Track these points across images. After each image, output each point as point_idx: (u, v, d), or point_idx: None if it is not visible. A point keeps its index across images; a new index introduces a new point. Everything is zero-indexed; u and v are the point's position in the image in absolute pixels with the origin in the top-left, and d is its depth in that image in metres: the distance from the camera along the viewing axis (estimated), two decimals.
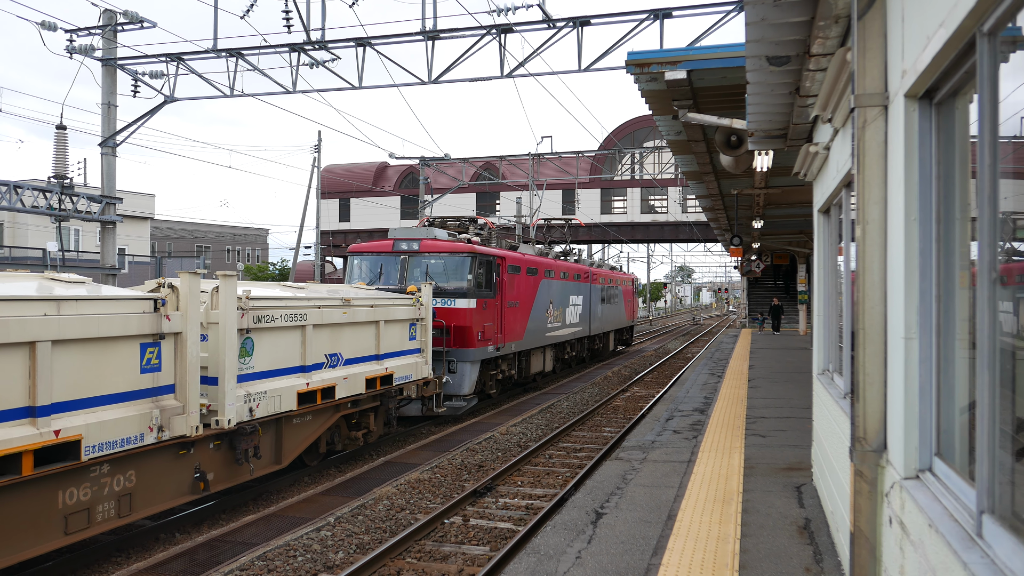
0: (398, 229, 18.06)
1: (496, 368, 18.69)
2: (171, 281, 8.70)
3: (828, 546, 6.14)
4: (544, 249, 25.24)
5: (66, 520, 7.24)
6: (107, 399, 7.65)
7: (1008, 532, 2.51)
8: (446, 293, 16.61)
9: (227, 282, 9.20)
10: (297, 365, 10.78)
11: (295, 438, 10.81)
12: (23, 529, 6.85)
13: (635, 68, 8.96)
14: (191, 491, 8.85)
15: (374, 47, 18.20)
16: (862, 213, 4.08)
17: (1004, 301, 2.69)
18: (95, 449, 7.40)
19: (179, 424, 8.41)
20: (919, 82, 3.37)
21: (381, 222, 55.92)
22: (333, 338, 11.60)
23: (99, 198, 19.86)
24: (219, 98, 20.06)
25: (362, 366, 12.41)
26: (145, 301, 8.10)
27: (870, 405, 4.07)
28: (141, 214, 45.44)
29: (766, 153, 10.08)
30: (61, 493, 7.20)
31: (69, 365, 7.17)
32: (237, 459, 9.45)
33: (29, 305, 6.82)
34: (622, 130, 53.59)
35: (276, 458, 10.49)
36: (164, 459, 8.44)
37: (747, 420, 12.17)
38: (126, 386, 7.86)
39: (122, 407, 7.78)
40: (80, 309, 7.32)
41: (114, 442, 7.60)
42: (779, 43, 5.59)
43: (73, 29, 19.25)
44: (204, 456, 9.03)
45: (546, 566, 5.84)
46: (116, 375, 7.73)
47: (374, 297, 13.22)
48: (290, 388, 10.48)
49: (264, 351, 10.10)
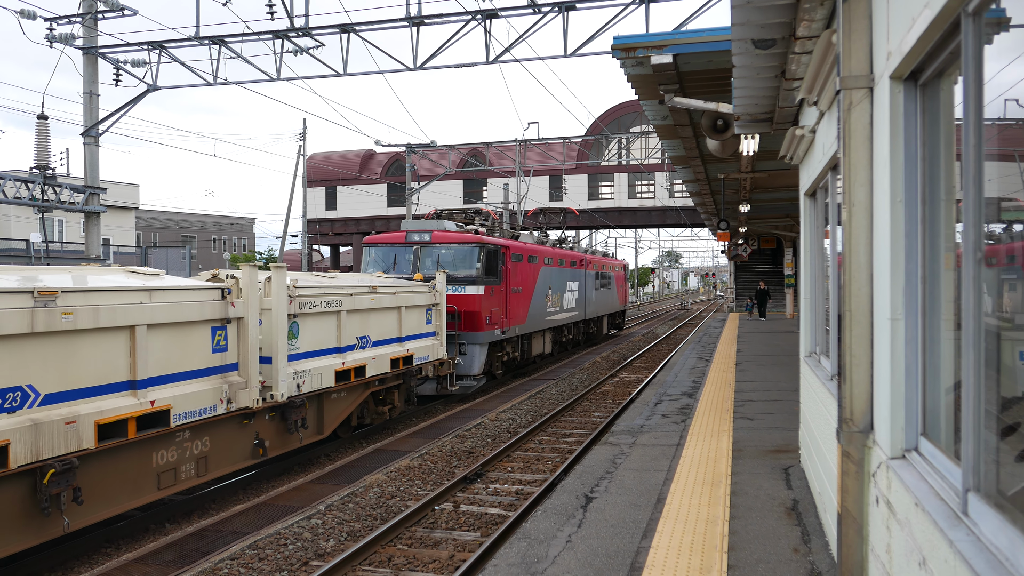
0: (410, 221, 19.14)
1: (502, 350, 19.81)
2: (233, 272, 10.02)
3: (816, 527, 6.20)
4: (542, 237, 26.14)
5: (159, 477, 8.55)
6: (187, 375, 8.90)
7: (993, 510, 2.53)
8: (456, 280, 17.69)
9: (278, 273, 10.42)
10: (334, 347, 11.99)
11: (333, 411, 12.05)
12: (129, 483, 8.16)
13: (621, 53, 8.93)
14: (252, 456, 10.07)
15: (358, 33, 18.07)
16: (848, 195, 4.09)
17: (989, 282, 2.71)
18: (180, 417, 8.68)
19: (243, 397, 9.66)
20: (904, 64, 3.38)
21: (368, 210, 55.72)
22: (362, 322, 12.83)
23: (82, 188, 19.68)
24: (202, 86, 19.88)
25: (387, 348, 13.64)
26: (214, 290, 9.32)
27: (857, 386, 4.10)
28: (125, 204, 45.08)
29: (752, 137, 10.09)
30: (155, 454, 8.49)
31: (158, 345, 8.42)
32: (288, 429, 10.67)
33: (129, 295, 8.06)
34: (609, 115, 53.51)
35: (318, 429, 11.72)
36: (231, 427, 9.69)
37: (735, 403, 12.24)
38: (201, 364, 9.11)
39: (199, 382, 9.05)
40: (166, 298, 8.56)
41: (194, 412, 8.90)
42: (765, 26, 5.58)
43: (53, 17, 19.01)
44: (262, 426, 10.28)
45: (536, 550, 5.87)
46: (193, 354, 9.00)
47: (396, 285, 14.37)
48: (329, 367, 11.66)
49: (307, 334, 11.29)
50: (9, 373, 6.79)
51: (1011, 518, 2.39)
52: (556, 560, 5.65)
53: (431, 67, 18.26)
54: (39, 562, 7.66)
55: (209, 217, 70.81)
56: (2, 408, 6.76)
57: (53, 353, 7.22)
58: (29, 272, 8.02)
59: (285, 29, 18.18)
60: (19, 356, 6.89)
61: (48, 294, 7.13)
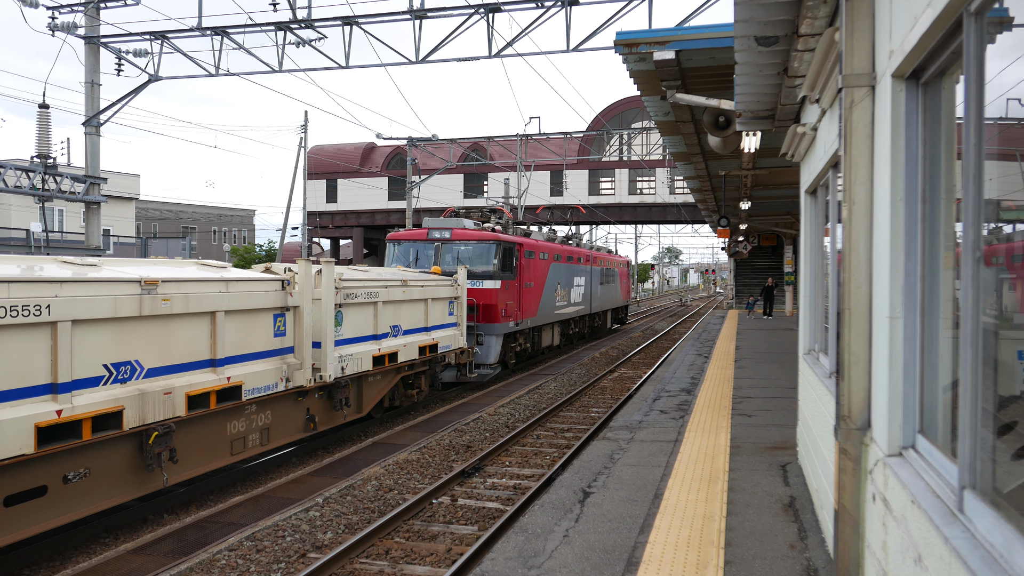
0: (431, 219, 20.38)
1: (515, 341, 21.07)
2: (290, 266, 11.34)
3: (813, 523, 6.22)
4: (551, 235, 27.47)
5: (231, 444, 9.82)
6: (254, 356, 10.15)
7: (989, 507, 2.55)
8: (474, 275, 18.88)
9: (328, 267, 11.64)
10: (371, 334, 13.23)
11: (371, 393, 13.33)
12: (209, 447, 9.42)
13: (624, 48, 8.92)
14: (304, 430, 11.34)
15: (361, 26, 18.04)
16: (848, 193, 4.10)
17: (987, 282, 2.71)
18: (250, 392, 9.92)
19: (299, 376, 10.90)
20: (906, 62, 3.38)
21: (368, 203, 55.62)
22: (395, 312, 14.10)
23: (83, 178, 19.67)
24: (204, 77, 19.85)
25: (416, 336, 14.89)
26: (276, 281, 10.58)
27: (855, 384, 4.11)
28: (126, 195, 45.03)
29: (754, 134, 10.07)
30: (228, 424, 9.74)
31: (232, 329, 9.64)
32: (334, 406, 11.94)
33: (211, 284, 9.32)
34: (610, 111, 53.37)
35: (358, 408, 12.95)
36: (288, 403, 10.95)
37: (733, 400, 12.26)
38: (265, 346, 10.36)
39: (263, 362, 10.30)
40: (239, 288, 9.81)
41: (260, 388, 10.14)
42: (768, 23, 5.58)
43: (55, 6, 18.97)
44: (313, 403, 11.53)
45: (534, 544, 5.89)
46: (259, 338, 10.23)
47: (423, 279, 15.56)
48: (367, 352, 12.87)
49: (350, 322, 12.47)
50: (122, 349, 8.07)
51: (1006, 515, 2.41)
52: (553, 554, 5.67)
53: (433, 60, 18.23)
54: (38, 551, 7.68)
55: (209, 208, 70.68)
56: (117, 379, 8.02)
57: (154, 334, 8.48)
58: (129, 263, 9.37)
59: (287, 20, 18.15)
60: (130, 335, 8.16)
61: (152, 283, 8.38)
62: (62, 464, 7.44)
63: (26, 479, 7.06)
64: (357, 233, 56.76)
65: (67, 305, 7.35)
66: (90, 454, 7.75)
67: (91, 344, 7.70)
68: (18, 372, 6.97)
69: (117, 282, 7.98)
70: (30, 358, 7.08)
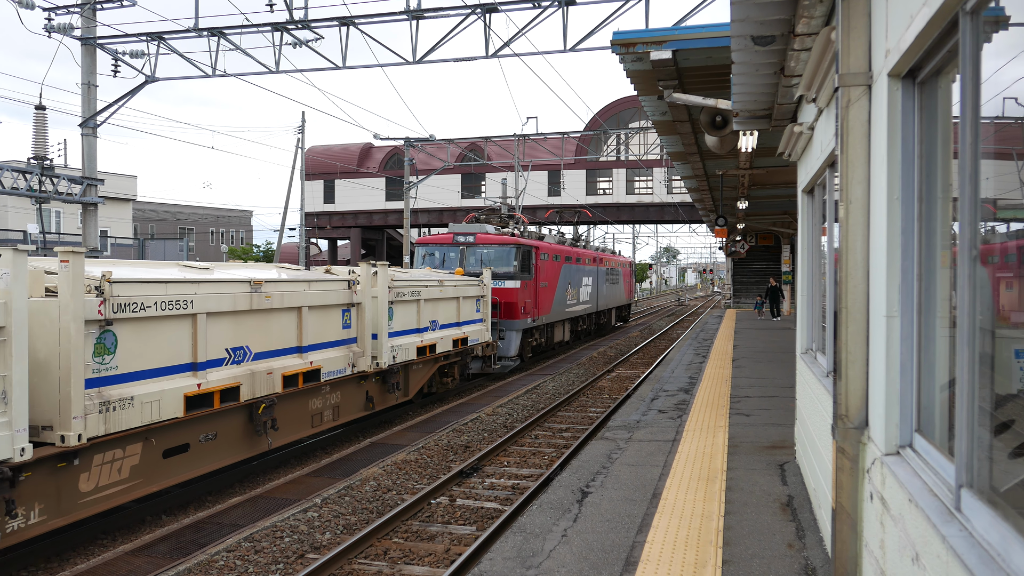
0: (456, 225, 22.56)
1: (532, 336, 22.91)
2: (353, 268, 13.29)
3: (810, 522, 6.22)
4: (560, 237, 29.37)
5: (311, 418, 11.63)
6: (328, 344, 12.07)
7: (986, 505, 2.55)
8: (496, 276, 20.62)
9: (383, 269, 13.48)
10: (415, 327, 15.04)
11: (415, 379, 15.14)
12: (298, 420, 11.28)
13: (620, 48, 8.92)
14: (364, 408, 13.19)
15: (358, 26, 18.03)
16: (845, 193, 4.10)
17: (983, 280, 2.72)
18: (327, 375, 11.82)
19: (361, 363, 12.84)
20: (902, 61, 3.38)
21: (366, 203, 55.60)
22: (433, 309, 15.92)
23: (80, 179, 19.63)
24: (201, 78, 19.83)
25: (450, 330, 16.74)
26: (344, 281, 12.50)
27: (852, 383, 4.11)
28: (123, 196, 44.98)
29: (751, 133, 10.08)
30: (309, 401, 11.53)
31: (312, 322, 11.52)
32: (388, 390, 13.82)
33: (297, 285, 11.25)
34: (608, 111, 53.39)
35: (406, 391, 14.71)
36: (352, 385, 12.80)
37: (731, 399, 12.27)
38: (336, 336, 12.28)
39: (335, 350, 12.22)
40: (318, 287, 11.79)
41: (333, 372, 12.03)
42: (764, 22, 5.58)
43: (51, 7, 18.92)
44: (371, 386, 13.39)
45: (532, 544, 5.89)
46: (331, 329, 12.17)
47: (455, 279, 17.39)
48: (412, 343, 14.76)
49: (399, 317, 14.29)
50: (238, 336, 9.94)
51: (1003, 514, 2.41)
52: (552, 554, 5.67)
53: (430, 61, 18.23)
54: (37, 552, 7.67)
55: (207, 209, 70.57)
56: (234, 360, 9.89)
57: (259, 324, 10.35)
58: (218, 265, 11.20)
59: (284, 21, 18.14)
60: (243, 325, 10.04)
61: (258, 283, 10.24)
62: (199, 427, 9.30)
63: (177, 437, 8.96)
64: (355, 233, 56.73)
65: (203, 300, 9.21)
66: (217, 420, 9.58)
67: (217, 332, 9.54)
68: (173, 352, 8.87)
69: (234, 282, 9.89)
70: (180, 342, 8.96)
